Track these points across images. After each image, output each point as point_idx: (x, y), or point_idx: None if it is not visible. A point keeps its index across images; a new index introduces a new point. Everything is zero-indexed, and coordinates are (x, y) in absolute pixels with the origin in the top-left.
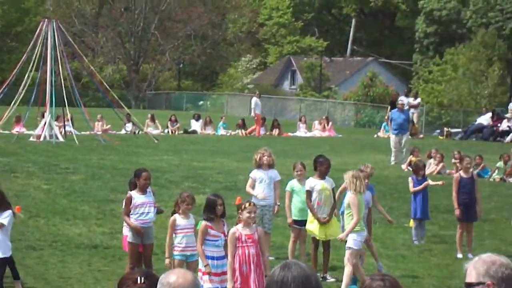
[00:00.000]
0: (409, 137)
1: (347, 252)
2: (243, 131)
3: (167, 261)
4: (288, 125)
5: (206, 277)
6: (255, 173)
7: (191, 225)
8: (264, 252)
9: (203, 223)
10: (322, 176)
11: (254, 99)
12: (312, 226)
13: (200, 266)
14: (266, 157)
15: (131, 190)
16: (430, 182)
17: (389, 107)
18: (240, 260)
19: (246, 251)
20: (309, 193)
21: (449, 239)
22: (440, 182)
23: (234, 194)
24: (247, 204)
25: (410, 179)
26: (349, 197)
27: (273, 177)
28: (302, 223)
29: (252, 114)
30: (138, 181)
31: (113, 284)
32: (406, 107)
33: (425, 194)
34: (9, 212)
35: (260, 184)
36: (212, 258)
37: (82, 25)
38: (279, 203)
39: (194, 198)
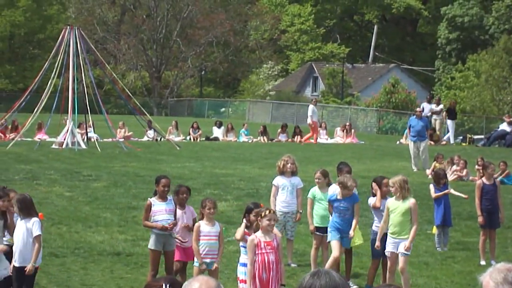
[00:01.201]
0: (431, 143)
1: (403, 260)
2: (265, 138)
3: (197, 265)
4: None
5: (242, 285)
6: (278, 180)
7: (215, 233)
8: (281, 260)
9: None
10: None
11: (311, 107)
12: None
13: (239, 274)
14: (289, 164)
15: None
16: (452, 191)
17: (446, 115)
18: (259, 267)
19: (266, 258)
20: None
21: (472, 246)
22: (465, 196)
23: (256, 201)
24: (267, 212)
25: (431, 186)
26: (412, 202)
27: (296, 184)
28: (324, 230)
29: (309, 121)
30: (158, 187)
31: None
32: (428, 114)
33: (447, 201)
34: (35, 219)
35: (283, 191)
36: (245, 265)
37: (104, 32)
38: (301, 211)
39: (215, 202)
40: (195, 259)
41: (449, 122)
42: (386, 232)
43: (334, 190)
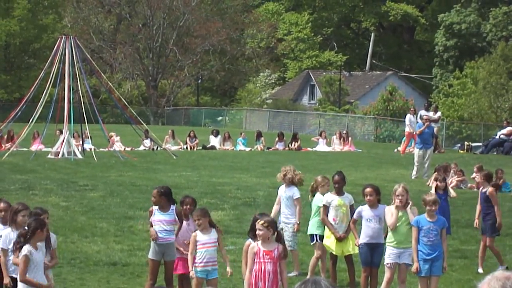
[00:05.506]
0: None
1: (406, 271)
2: (261, 145)
3: (191, 273)
4: (308, 140)
5: None
6: (279, 190)
7: (213, 240)
8: (283, 270)
9: (246, 242)
10: (339, 192)
11: (408, 116)
12: (329, 242)
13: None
14: (288, 175)
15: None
16: (451, 190)
17: None
18: (256, 275)
19: (263, 267)
20: (325, 208)
21: (471, 254)
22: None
23: (253, 210)
24: (260, 221)
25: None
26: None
27: (291, 196)
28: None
29: (407, 130)
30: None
31: None
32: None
33: (446, 209)
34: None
35: (282, 202)
36: None
37: (100, 41)
38: (298, 221)
39: (204, 211)
40: (194, 269)
41: None
42: (381, 243)
43: (328, 198)
